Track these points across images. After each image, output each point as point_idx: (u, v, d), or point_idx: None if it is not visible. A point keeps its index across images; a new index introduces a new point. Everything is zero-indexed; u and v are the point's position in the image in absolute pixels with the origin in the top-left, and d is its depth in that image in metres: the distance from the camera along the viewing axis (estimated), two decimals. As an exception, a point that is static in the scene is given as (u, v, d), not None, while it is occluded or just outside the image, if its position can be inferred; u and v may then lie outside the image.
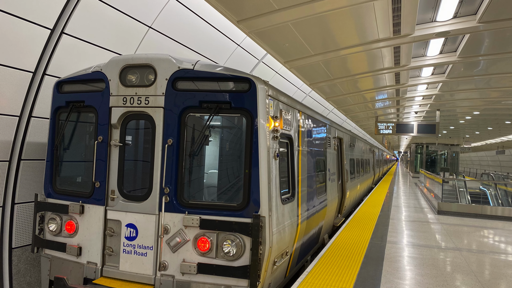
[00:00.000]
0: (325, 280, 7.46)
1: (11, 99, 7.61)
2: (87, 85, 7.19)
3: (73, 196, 7.19)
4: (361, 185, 21.69)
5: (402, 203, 20.64)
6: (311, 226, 9.34)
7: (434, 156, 57.45)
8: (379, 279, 7.77)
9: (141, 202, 6.66)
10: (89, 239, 6.97)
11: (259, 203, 6.21)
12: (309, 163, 9.25)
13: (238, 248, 6.17)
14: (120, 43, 9.19)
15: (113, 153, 6.92)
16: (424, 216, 16.54)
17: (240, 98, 6.35)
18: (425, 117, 38.26)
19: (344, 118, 33.80)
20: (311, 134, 9.72)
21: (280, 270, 7.32)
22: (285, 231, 7.15)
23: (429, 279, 7.97)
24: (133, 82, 6.79)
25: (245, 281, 6.15)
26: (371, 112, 33.76)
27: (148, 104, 6.68)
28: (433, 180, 23.05)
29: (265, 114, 6.41)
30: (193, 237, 6.38)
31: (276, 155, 6.76)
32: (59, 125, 7.49)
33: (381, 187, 30.10)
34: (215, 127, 6.85)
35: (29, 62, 7.67)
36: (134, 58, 6.84)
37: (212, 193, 7.03)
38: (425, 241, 11.44)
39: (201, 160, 6.79)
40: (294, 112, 8.16)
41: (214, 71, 6.50)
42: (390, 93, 24.94)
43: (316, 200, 9.85)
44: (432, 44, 16.35)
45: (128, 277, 6.61)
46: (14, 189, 8.00)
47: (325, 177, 11.41)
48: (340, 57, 15.66)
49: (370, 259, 9.14)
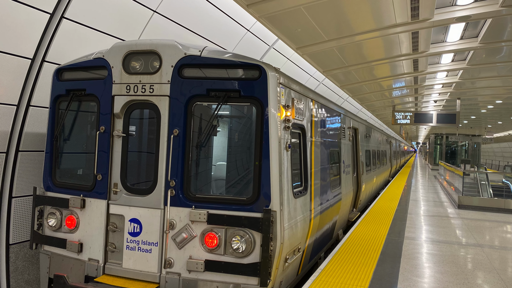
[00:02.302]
0: (340, 278, 7.46)
1: (8, 87, 7.60)
2: (88, 72, 7.17)
3: (73, 189, 7.18)
4: (377, 178, 21.66)
5: (420, 196, 20.64)
6: (324, 221, 9.32)
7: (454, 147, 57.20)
8: (396, 277, 7.76)
9: (146, 195, 6.63)
10: (90, 235, 6.96)
11: (270, 197, 6.17)
12: (322, 154, 9.21)
13: (247, 245, 6.14)
14: (123, 28, 9.15)
15: (116, 144, 6.90)
16: (443, 210, 16.53)
17: (250, 86, 6.32)
18: (444, 106, 38.22)
19: (360, 107, 33.75)
20: (324, 124, 9.68)
21: (292, 267, 7.29)
22: (297, 227, 7.12)
23: (449, 277, 7.95)
24: (137, 69, 6.77)
25: (255, 279, 6.12)
26: (388, 101, 33.77)
27: (152, 93, 6.65)
28: (453, 173, 22.99)
29: (276, 103, 6.37)
30: (200, 233, 6.36)
31: (287, 146, 6.71)
32: (59, 115, 7.49)
33: (398, 180, 30.13)
34: (223, 117, 6.81)
35: (28, 48, 7.64)
36: (138, 44, 6.80)
37: (220, 186, 7.01)
38: (445, 237, 11.43)
39: (208, 151, 6.76)
40: (306, 101, 8.11)
41: (222, 58, 6.46)
42: (408, 80, 24.92)
43: (330, 193, 9.82)
44: (452, 29, 16.30)
45: (132, 274, 6.61)
46: (12, 182, 8.01)
47: (340, 170, 11.38)
48: (355, 43, 15.65)
49: (387, 256, 9.13)
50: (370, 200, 20.78)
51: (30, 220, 8.18)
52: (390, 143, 33.25)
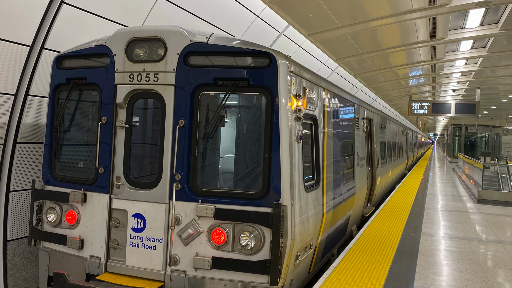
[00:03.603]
0: (353, 276, 7.46)
1: (5, 75, 7.60)
2: (90, 60, 7.17)
3: (74, 183, 7.19)
4: (393, 171, 21.66)
5: (438, 190, 20.64)
6: (337, 216, 9.31)
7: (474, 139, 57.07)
8: (412, 275, 7.76)
9: (150, 189, 6.63)
10: (92, 231, 6.97)
11: (280, 191, 6.15)
12: (335, 146, 9.20)
13: (257, 241, 6.12)
14: (126, 14, 9.13)
15: (119, 135, 6.89)
16: (462, 205, 16.52)
17: (259, 75, 6.29)
18: (463, 96, 38.04)
19: (374, 97, 33.67)
20: (337, 114, 9.66)
21: (304, 265, 7.27)
22: (309, 222, 7.10)
23: (468, 275, 7.95)
24: (141, 57, 6.75)
25: (264, 277, 6.12)
26: (404, 90, 33.65)
27: (157, 82, 6.64)
28: (473, 166, 23.05)
29: (287, 93, 6.33)
30: (207, 229, 6.35)
31: (299, 138, 6.69)
32: (59, 105, 7.49)
33: (415, 173, 30.13)
34: (231, 107, 6.81)
35: (26, 35, 7.62)
36: (142, 30, 6.79)
37: (228, 179, 7.01)
38: (464, 233, 11.43)
39: (216, 143, 6.76)
40: (319, 90, 8.07)
41: (230, 45, 6.45)
42: (425, 69, 24.81)
43: (343, 187, 9.82)
44: (471, 15, 16.13)
45: (135, 272, 6.62)
46: (9, 176, 8.02)
47: (353, 162, 11.38)
48: (369, 29, 15.57)
49: (403, 252, 9.14)
50: (386, 195, 20.79)
51: (29, 215, 8.19)
52: (407, 135, 33.20)
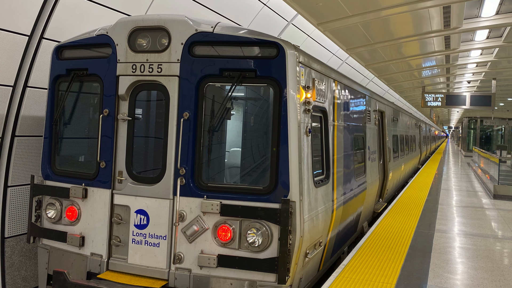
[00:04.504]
0: (364, 274, 7.46)
1: (3, 66, 7.60)
2: (91, 50, 7.16)
3: (75, 178, 7.20)
4: (405, 165, 21.67)
5: (452, 186, 20.67)
6: (348, 212, 9.31)
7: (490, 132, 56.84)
8: (426, 273, 7.77)
9: (153, 185, 6.61)
10: (93, 228, 6.98)
11: (289, 186, 6.13)
12: (346, 140, 9.19)
13: (264, 238, 6.11)
14: (129, 3, 9.12)
15: (121, 128, 6.88)
16: (478, 201, 16.54)
17: (266, 66, 6.28)
18: (479, 87, 38.03)
19: (386, 88, 33.67)
20: (348, 106, 9.64)
21: (313, 263, 7.27)
22: (318, 218, 7.09)
23: (484, 273, 7.95)
24: (144, 47, 6.74)
25: (272, 275, 6.10)
26: (417, 82, 33.68)
27: (161, 73, 6.63)
28: (489, 160, 23.00)
29: (296, 84, 6.31)
30: (212, 225, 6.33)
31: (308, 131, 6.67)
32: (59, 97, 7.49)
33: (428, 167, 30.17)
34: (238, 99, 6.82)
35: (25, 24, 7.61)
36: (145, 19, 6.78)
37: (234, 174, 7.05)
38: (479, 230, 11.44)
39: (222, 136, 6.77)
40: (328, 82, 8.05)
41: (236, 35, 6.45)
42: (439, 59, 24.84)
43: (354, 182, 9.81)
44: (487, 3, 16.14)
45: (138, 271, 6.62)
46: (7, 170, 8.03)
47: (365, 156, 11.38)
48: (381, 18, 15.57)
49: (416, 250, 9.14)
50: (398, 190, 20.83)
51: (27, 212, 8.19)
52: (420, 128, 33.17)
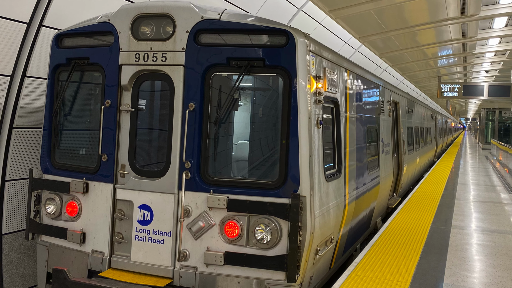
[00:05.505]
0: (378, 273, 7.44)
1: (1, 55, 7.62)
2: (92, 38, 7.17)
3: (75, 171, 7.21)
4: (421, 158, 21.67)
5: (470, 180, 20.60)
6: (360, 207, 9.31)
7: (509, 123, 56.47)
8: (442, 271, 7.73)
9: (157, 179, 6.61)
10: (94, 224, 6.99)
11: (299, 180, 6.12)
12: (358, 132, 9.18)
13: (273, 234, 6.09)
14: (132, -11, 9.08)
15: (124, 120, 6.88)
16: (496, 195, 16.49)
17: (275, 54, 6.26)
18: (497, 77, 37.98)
19: (401, 78, 33.66)
20: (361, 97, 9.63)
21: (324, 260, 7.26)
22: (330, 214, 7.08)
23: (503, 271, 7.90)
24: (148, 35, 6.73)
25: (281, 273, 6.09)
26: (433, 71, 33.63)
27: (165, 62, 6.61)
28: (508, 153, 22.99)
29: (306, 74, 6.28)
30: (219, 221, 6.33)
31: (319, 123, 6.65)
32: (59, 87, 7.50)
33: (445, 161, 30.12)
34: (245, 89, 6.82)
35: (23, 11, 7.62)
36: (149, 6, 6.76)
37: (242, 168, 7.05)
38: (498, 226, 11.41)
39: (229, 128, 6.77)
40: (340, 71, 8.03)
41: (244, 22, 6.45)
42: (456, 48, 24.82)
43: (367, 176, 9.81)
44: (506, -11, 15.96)
45: (141, 268, 6.62)
46: (5, 164, 8.07)
47: (378, 149, 11.37)
48: (395, 4, 15.58)
49: (432, 247, 9.12)
50: (413, 184, 20.82)
51: (26, 207, 8.20)
52: (436, 119, 33.11)
